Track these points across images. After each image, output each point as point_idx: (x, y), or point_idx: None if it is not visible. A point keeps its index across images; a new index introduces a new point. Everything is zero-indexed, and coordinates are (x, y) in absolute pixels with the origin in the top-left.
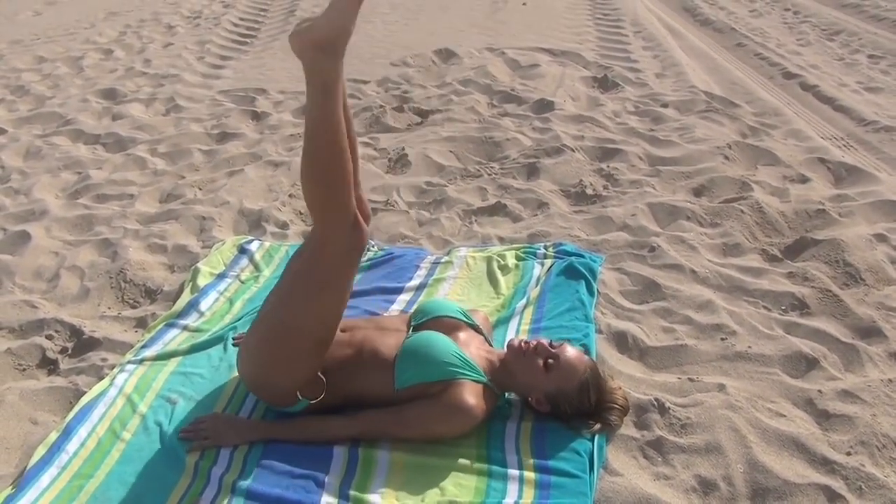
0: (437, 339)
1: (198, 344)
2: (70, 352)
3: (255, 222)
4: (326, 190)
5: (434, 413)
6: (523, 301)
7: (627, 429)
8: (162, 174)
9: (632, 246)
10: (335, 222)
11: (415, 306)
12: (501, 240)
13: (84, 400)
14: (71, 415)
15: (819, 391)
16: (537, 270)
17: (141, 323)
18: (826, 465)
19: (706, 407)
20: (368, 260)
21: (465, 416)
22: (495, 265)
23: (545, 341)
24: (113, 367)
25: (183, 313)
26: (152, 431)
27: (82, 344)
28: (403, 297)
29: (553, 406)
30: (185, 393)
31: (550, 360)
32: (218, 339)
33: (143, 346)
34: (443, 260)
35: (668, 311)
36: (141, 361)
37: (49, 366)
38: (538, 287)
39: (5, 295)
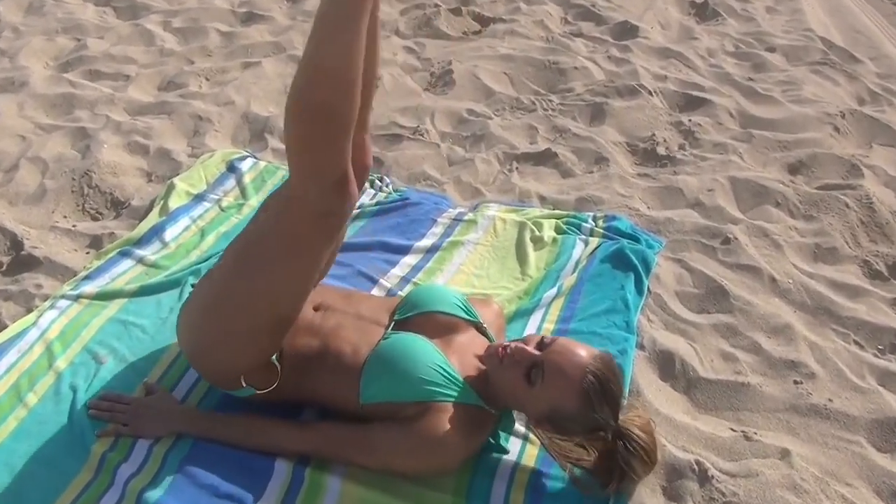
0: (415, 347)
1: (149, 286)
2: (4, 268)
3: (258, 132)
4: (315, 133)
5: (403, 444)
6: (553, 290)
7: (654, 497)
8: (169, 55)
9: (701, 232)
10: (315, 176)
11: (408, 287)
12: (542, 200)
13: None
14: None
15: None
16: (578, 250)
17: (95, 243)
18: None
19: (761, 482)
20: (377, 203)
21: (441, 453)
22: (528, 235)
23: (528, 341)
24: (46, 297)
25: (143, 241)
26: (63, 398)
27: (20, 261)
28: (408, 260)
29: (558, 430)
30: (117, 350)
31: (534, 370)
32: (174, 283)
33: (86, 278)
34: (466, 217)
35: (732, 329)
36: (77, 298)
37: None
38: (575, 274)
39: None
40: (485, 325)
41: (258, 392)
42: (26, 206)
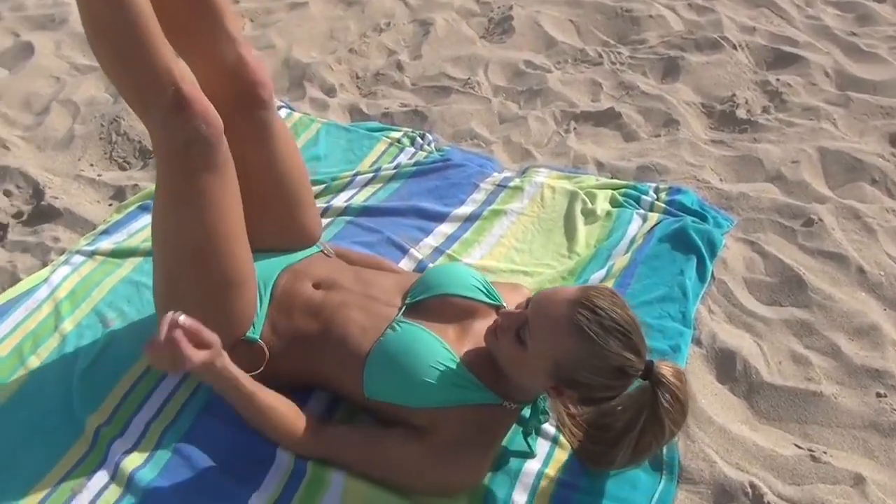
0: (420, 344)
1: None
2: (25, 218)
3: (296, 79)
4: (112, 56)
5: (413, 462)
6: (602, 271)
7: None
8: None
9: (780, 211)
10: (145, 104)
11: (441, 259)
12: (599, 167)
13: (6, 296)
14: None
15: None
16: (634, 227)
17: (118, 195)
18: None
19: None
20: (415, 164)
21: (463, 469)
22: (579, 207)
23: (516, 306)
24: (63, 251)
25: None
26: (66, 363)
27: (40, 211)
28: (444, 229)
29: (575, 388)
30: (126, 313)
31: (521, 329)
32: None
33: (104, 233)
34: (512, 183)
35: (807, 327)
36: (92, 254)
37: None
38: (629, 254)
39: None
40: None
41: (250, 374)
42: (53, 152)
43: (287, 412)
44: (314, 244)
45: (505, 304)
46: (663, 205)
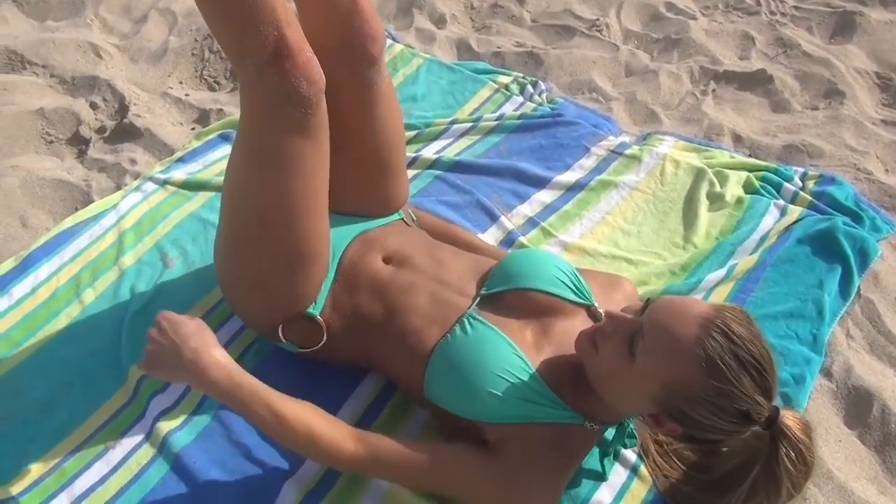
0: (490, 351)
1: None
2: (107, 134)
3: (405, 5)
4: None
5: (477, 484)
6: (722, 271)
7: None
8: None
9: None
10: (244, 53)
11: (534, 232)
12: (738, 140)
13: (73, 219)
14: (43, 239)
15: None
16: (769, 220)
17: (202, 118)
18: None
19: None
20: (521, 116)
21: (529, 495)
22: (705, 188)
23: (626, 309)
24: (137, 176)
25: None
26: (120, 302)
27: (123, 129)
28: (542, 197)
29: (681, 422)
30: (188, 253)
31: (634, 338)
32: None
33: (180, 160)
34: (629, 150)
35: None
36: (164, 183)
37: (80, 145)
38: (757, 253)
39: (80, 28)
40: (600, 310)
41: (301, 351)
42: (145, 65)
43: (320, 423)
44: (397, 212)
45: (596, 304)
46: (809, 197)
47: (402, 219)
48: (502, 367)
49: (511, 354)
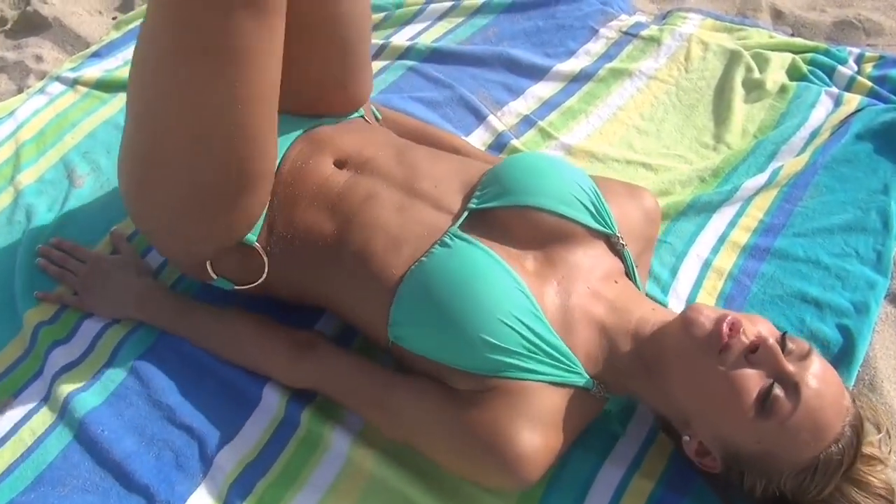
0: (482, 279)
1: None
2: (8, 26)
3: None
4: None
5: (453, 436)
6: (763, 176)
7: None
8: None
9: None
10: None
11: (531, 133)
12: (778, 17)
13: None
14: None
15: None
16: (821, 112)
17: (127, 4)
18: None
19: None
20: None
21: (508, 469)
22: (740, 75)
23: (769, 330)
24: (43, 75)
25: None
26: (14, 230)
27: (27, 19)
28: (540, 91)
29: (728, 469)
30: (101, 169)
31: (777, 392)
32: None
33: (95, 55)
34: (646, 31)
35: None
36: (74, 83)
37: None
38: (807, 153)
39: None
40: (622, 240)
41: (238, 288)
42: None
43: (256, 329)
44: (357, 109)
45: (618, 233)
46: (869, 82)
47: (363, 116)
48: (500, 305)
49: (513, 289)
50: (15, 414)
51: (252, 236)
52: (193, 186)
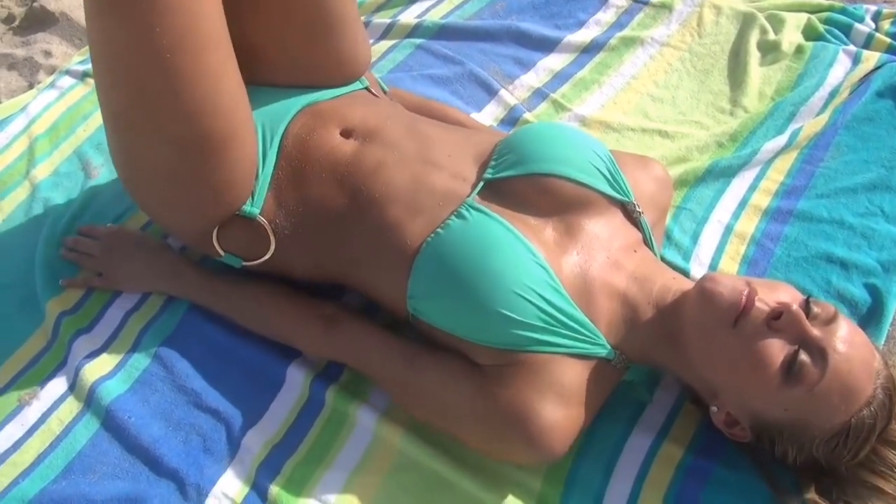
0: (499, 258)
1: None
2: (16, 23)
3: None
4: None
5: (476, 413)
6: (782, 138)
7: None
8: None
9: None
10: None
11: (543, 106)
12: None
13: None
14: None
15: None
16: (839, 71)
17: None
18: None
19: None
20: None
21: (534, 443)
22: (755, 37)
23: (791, 296)
24: (53, 70)
25: None
26: (32, 224)
27: (34, 15)
28: (551, 63)
29: (758, 438)
30: None
31: (804, 358)
32: None
33: None
34: None
35: None
36: (84, 76)
37: None
38: (826, 113)
39: None
40: (639, 208)
41: (247, 264)
42: None
43: (288, 300)
44: (357, 79)
45: (635, 201)
46: (888, 38)
47: (367, 89)
48: (516, 278)
49: (529, 261)
50: (42, 404)
51: (254, 209)
52: (163, 146)
